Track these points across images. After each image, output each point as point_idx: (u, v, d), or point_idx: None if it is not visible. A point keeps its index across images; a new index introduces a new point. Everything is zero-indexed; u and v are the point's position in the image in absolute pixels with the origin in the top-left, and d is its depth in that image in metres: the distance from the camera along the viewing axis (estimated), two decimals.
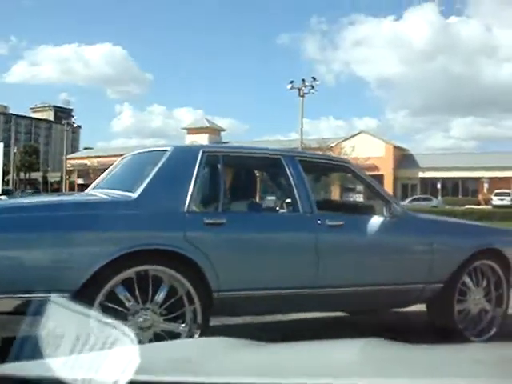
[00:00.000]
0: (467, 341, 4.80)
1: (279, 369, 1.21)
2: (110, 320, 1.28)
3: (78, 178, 63.19)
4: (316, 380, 0.99)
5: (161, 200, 4.12)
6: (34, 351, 1.20)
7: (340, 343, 1.56)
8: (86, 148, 72.33)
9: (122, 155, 5.35)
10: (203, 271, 3.99)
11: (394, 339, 1.55)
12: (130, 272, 3.80)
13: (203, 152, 4.37)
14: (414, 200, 45.99)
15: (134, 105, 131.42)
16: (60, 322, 1.31)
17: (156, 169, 4.25)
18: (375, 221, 4.71)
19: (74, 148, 72.50)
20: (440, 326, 5.01)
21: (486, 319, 5.24)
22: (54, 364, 1.06)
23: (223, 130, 68.22)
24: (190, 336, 3.88)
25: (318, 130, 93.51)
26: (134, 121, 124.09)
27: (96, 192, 4.76)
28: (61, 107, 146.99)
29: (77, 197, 4.71)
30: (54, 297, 1.41)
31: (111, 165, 5.32)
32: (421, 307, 5.26)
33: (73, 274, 3.64)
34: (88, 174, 57.15)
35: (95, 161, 62.26)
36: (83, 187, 48.63)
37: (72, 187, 58.73)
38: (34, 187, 69.65)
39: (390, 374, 1.18)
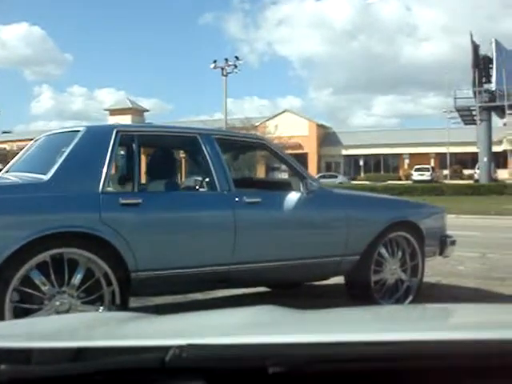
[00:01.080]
0: None
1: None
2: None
3: None
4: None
5: (74, 181, 4.04)
6: None
7: (239, 309, 1.65)
8: (4, 132, 69.63)
9: None
10: (120, 252, 3.96)
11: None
12: (45, 255, 3.73)
13: (117, 132, 4.30)
14: (320, 177, 46.91)
15: (53, 86, 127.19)
16: None
17: (68, 150, 4.16)
18: (292, 197, 4.78)
19: None
20: (357, 297, 5.14)
21: (402, 289, 5.43)
22: None
23: (146, 111, 67.16)
24: None
25: (243, 110, 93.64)
26: (53, 103, 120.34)
27: (8, 175, 4.62)
28: None
29: None
30: None
31: None
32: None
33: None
34: (7, 159, 55.21)
35: (14, 145, 60.13)
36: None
37: None
38: None
39: (280, 331, 1.27)
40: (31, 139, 5.27)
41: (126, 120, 55.43)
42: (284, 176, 5.13)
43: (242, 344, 1.00)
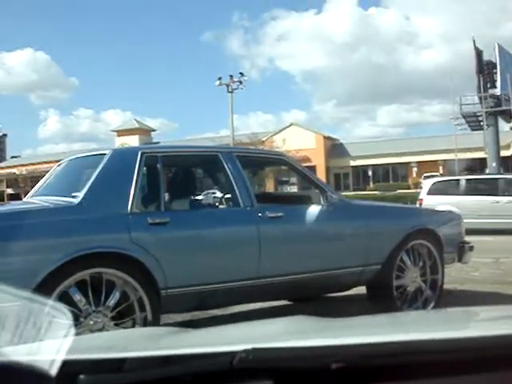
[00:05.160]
0: None
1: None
2: (50, 301, 1.39)
3: (8, 187, 61.31)
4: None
5: (103, 204, 4.15)
6: None
7: (277, 319, 1.80)
8: (13, 157, 70.27)
9: (50, 162, 5.36)
10: (150, 270, 4.07)
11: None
12: (81, 275, 3.83)
13: (142, 153, 4.43)
14: None
15: (59, 110, 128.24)
16: (3, 306, 1.41)
17: (96, 172, 4.28)
18: (313, 210, 4.88)
19: (1, 157, 70.25)
20: (379, 304, 5.21)
21: (420, 299, 5.51)
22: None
23: (153, 130, 67.61)
24: None
25: (248, 126, 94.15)
26: (60, 126, 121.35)
27: (35, 200, 4.74)
28: None
29: (18, 206, 4.68)
30: None
31: (40, 172, 5.32)
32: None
33: (22, 282, 3.62)
34: (17, 183, 55.61)
35: (23, 169, 60.53)
36: (13, 197, 47.24)
37: (1, 197, 57.05)
38: None
39: (313, 336, 1.43)
40: (39, 163, 5.42)
41: (133, 140, 55.85)
42: (304, 190, 5.23)
43: (300, 346, 1.12)
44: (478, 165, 48.82)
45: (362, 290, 5.48)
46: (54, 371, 0.91)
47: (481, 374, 1.02)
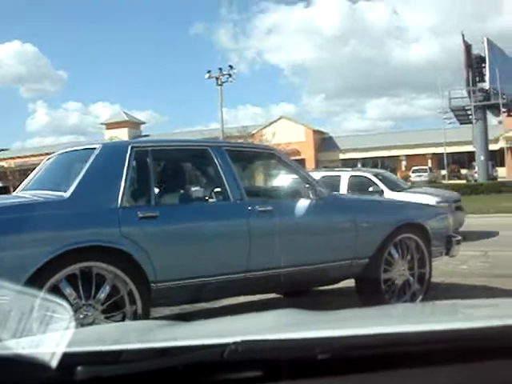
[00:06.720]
0: None
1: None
2: (51, 297, 1.45)
3: None
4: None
5: (93, 198, 4.17)
6: None
7: (265, 313, 1.83)
8: (1, 150, 69.72)
9: (38, 155, 5.37)
10: (140, 264, 4.09)
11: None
12: (72, 269, 3.87)
13: (132, 147, 4.45)
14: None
15: (48, 102, 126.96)
16: (7, 302, 1.47)
17: (86, 167, 4.30)
18: (302, 204, 4.92)
19: None
20: (367, 298, 5.27)
21: (408, 292, 5.57)
22: (1, 343, 1.20)
23: (143, 123, 67.27)
24: None
25: (237, 119, 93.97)
26: (49, 119, 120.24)
27: (25, 194, 4.75)
28: None
29: (8, 200, 4.68)
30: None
31: (29, 165, 5.32)
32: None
33: (12, 275, 3.63)
34: (6, 176, 55.27)
35: (12, 162, 60.21)
36: (1, 190, 46.97)
37: None
38: None
39: (301, 328, 1.48)
40: (28, 156, 5.41)
41: (122, 133, 55.65)
42: (293, 184, 5.26)
43: (289, 338, 1.16)
44: (467, 158, 49.13)
45: (350, 283, 5.54)
46: (54, 363, 0.94)
47: (467, 364, 1.06)
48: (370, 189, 12.13)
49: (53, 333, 1.19)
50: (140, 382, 0.99)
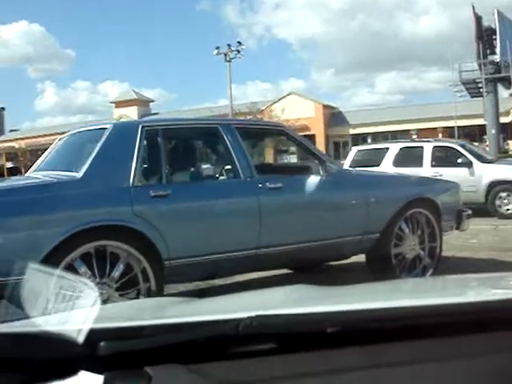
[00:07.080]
0: None
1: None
2: (77, 277, 1.52)
3: (7, 161, 61.21)
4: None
5: (105, 178, 4.22)
6: (18, 307, 1.43)
7: (277, 289, 1.93)
8: (12, 130, 69.87)
9: (48, 135, 5.41)
10: (153, 242, 4.15)
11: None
12: (87, 247, 3.93)
13: (142, 127, 4.48)
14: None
15: (56, 82, 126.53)
16: (37, 282, 1.55)
17: (98, 147, 4.34)
18: (313, 180, 4.95)
19: (0, 131, 69.94)
20: (378, 272, 5.30)
21: (419, 267, 5.60)
22: (32, 321, 1.25)
23: (152, 101, 66.97)
24: None
25: (246, 95, 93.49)
26: (57, 99, 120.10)
27: (38, 174, 4.80)
28: None
29: (22, 181, 4.74)
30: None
31: (39, 145, 5.38)
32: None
33: (28, 255, 3.69)
34: (17, 157, 55.51)
35: (22, 143, 60.41)
36: (13, 170, 47.21)
37: (1, 171, 57.05)
38: None
39: (312, 303, 1.53)
40: (38, 136, 5.45)
41: (131, 112, 55.56)
42: (303, 160, 5.29)
43: (300, 313, 1.22)
44: (478, 131, 48.78)
45: (361, 258, 5.58)
46: (81, 339, 0.99)
47: (477, 335, 1.10)
48: (459, 160, 11.29)
49: (78, 310, 1.24)
50: (160, 356, 1.03)
